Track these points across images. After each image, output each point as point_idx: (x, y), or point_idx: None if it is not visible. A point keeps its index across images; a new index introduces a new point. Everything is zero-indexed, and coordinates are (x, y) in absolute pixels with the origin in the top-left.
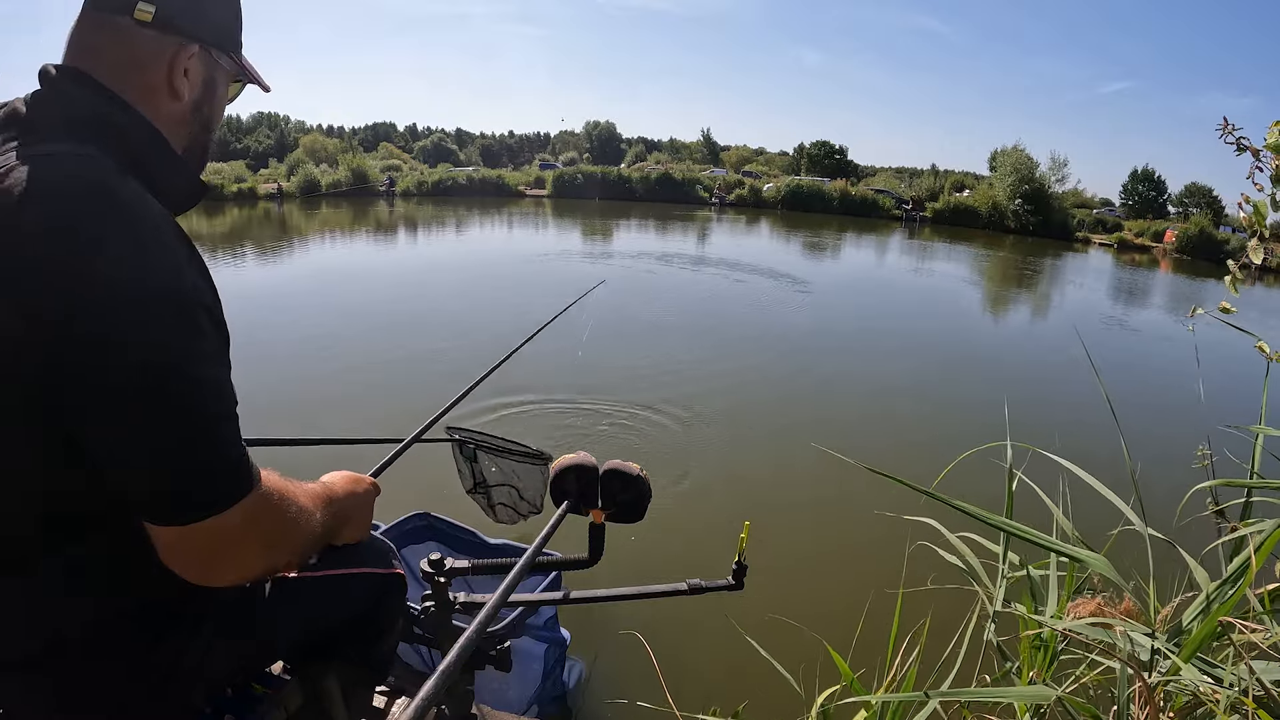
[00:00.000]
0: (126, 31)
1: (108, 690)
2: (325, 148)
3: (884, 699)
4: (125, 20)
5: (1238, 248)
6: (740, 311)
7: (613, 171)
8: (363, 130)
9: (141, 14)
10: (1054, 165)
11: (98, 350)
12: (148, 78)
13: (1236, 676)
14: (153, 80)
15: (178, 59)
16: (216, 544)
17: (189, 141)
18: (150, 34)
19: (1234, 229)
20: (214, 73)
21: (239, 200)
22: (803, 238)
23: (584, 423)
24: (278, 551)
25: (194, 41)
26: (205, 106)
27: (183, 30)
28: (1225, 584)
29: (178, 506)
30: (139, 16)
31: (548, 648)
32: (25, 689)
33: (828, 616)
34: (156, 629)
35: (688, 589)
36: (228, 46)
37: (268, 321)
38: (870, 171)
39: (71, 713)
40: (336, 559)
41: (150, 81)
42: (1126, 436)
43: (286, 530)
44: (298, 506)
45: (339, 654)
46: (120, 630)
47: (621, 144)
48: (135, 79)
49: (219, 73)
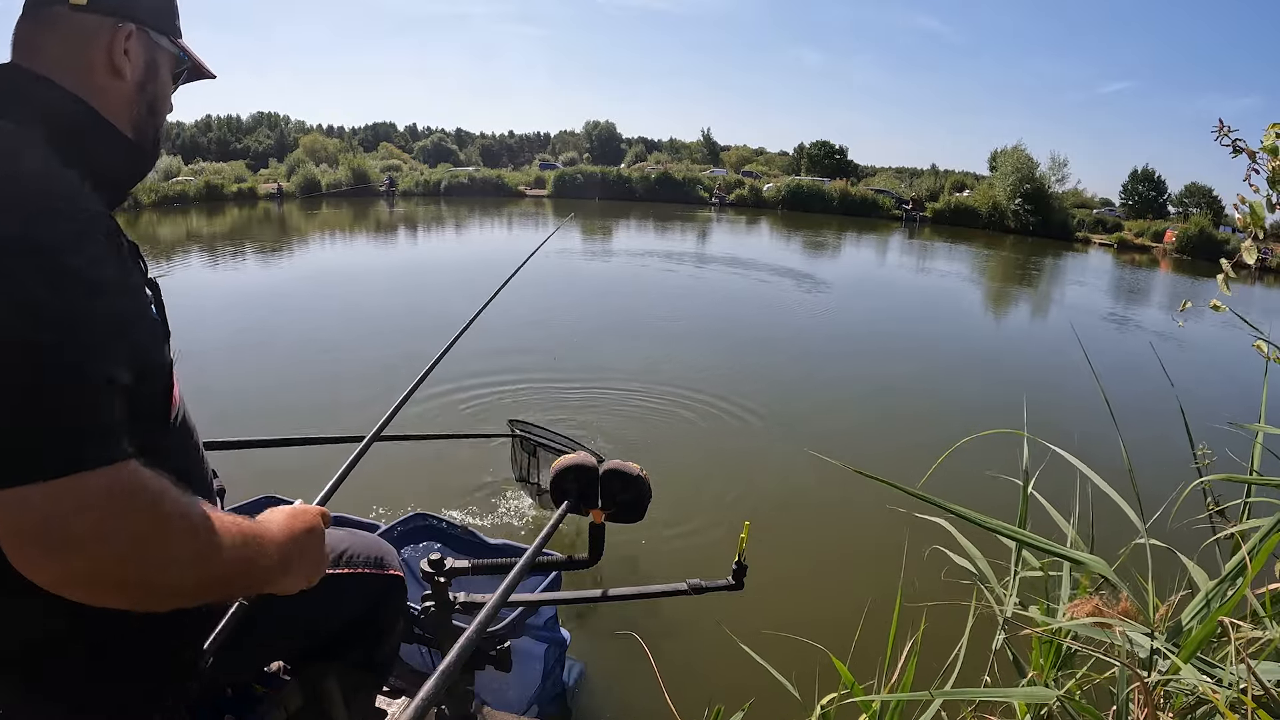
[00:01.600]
0: (63, 19)
1: (106, 690)
2: (325, 148)
3: (886, 699)
4: (61, 9)
5: (1237, 248)
6: (744, 311)
7: (613, 171)
8: (363, 130)
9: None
10: (1054, 165)
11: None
12: (87, 58)
13: (1236, 676)
14: (92, 61)
15: (115, 38)
16: (49, 521)
17: (137, 123)
18: (86, 17)
19: (1234, 229)
20: (155, 54)
21: (239, 200)
22: (803, 237)
23: (584, 419)
24: (148, 563)
25: (129, 21)
26: (149, 86)
27: (117, 10)
28: (1224, 583)
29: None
30: (73, 2)
31: (548, 648)
32: (23, 689)
33: (827, 617)
34: (152, 629)
35: (688, 589)
36: (166, 29)
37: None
38: (870, 171)
39: (70, 713)
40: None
41: (89, 62)
42: (1124, 436)
43: (167, 539)
44: (197, 522)
45: (340, 655)
46: (116, 630)
47: (621, 144)
48: (74, 62)
49: (160, 55)
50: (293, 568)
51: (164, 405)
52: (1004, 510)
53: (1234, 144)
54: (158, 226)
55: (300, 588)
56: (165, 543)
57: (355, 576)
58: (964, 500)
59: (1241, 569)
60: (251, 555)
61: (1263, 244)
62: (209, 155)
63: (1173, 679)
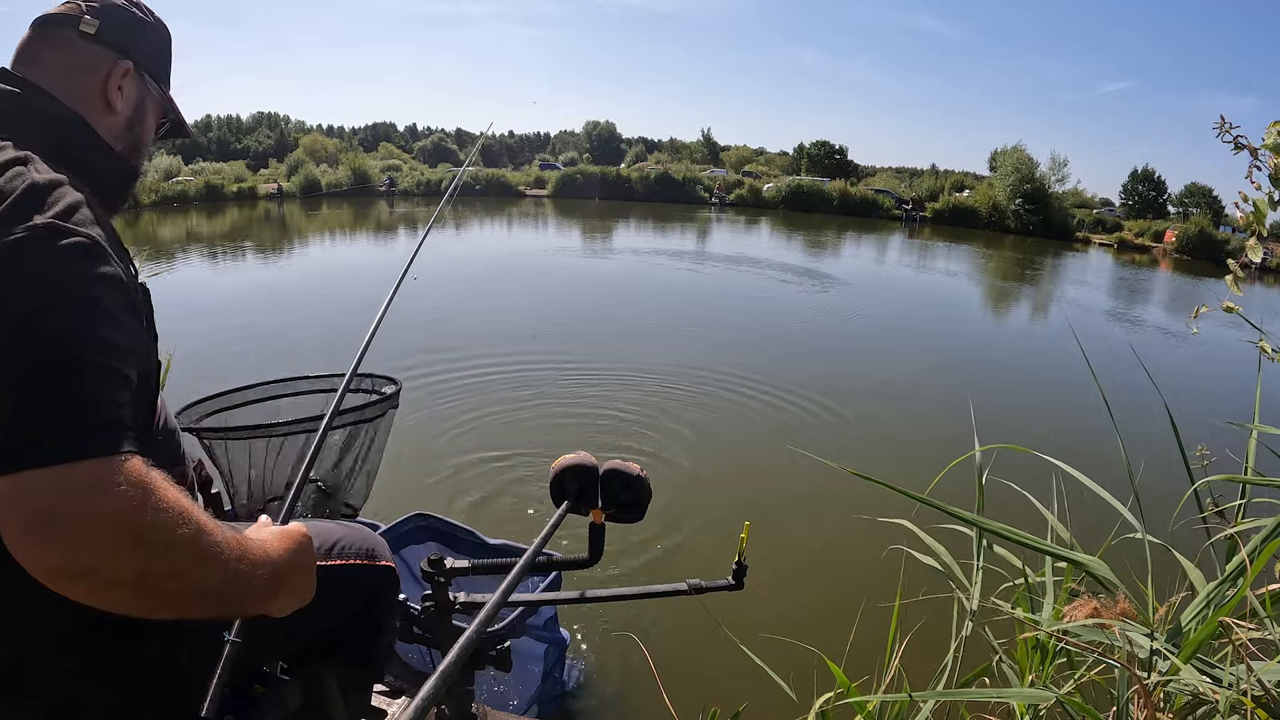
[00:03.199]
0: (70, 43)
1: (95, 697)
2: (325, 148)
3: (885, 699)
4: (70, 33)
5: (1238, 247)
6: (747, 311)
7: (612, 171)
8: (363, 130)
9: (86, 26)
10: (1054, 165)
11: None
12: (85, 85)
13: (1235, 677)
14: (89, 88)
15: (114, 73)
16: (56, 507)
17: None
18: (91, 46)
19: (1234, 229)
20: (144, 97)
21: (239, 200)
22: (804, 237)
23: (582, 424)
24: (150, 559)
25: (128, 59)
26: (136, 127)
27: (119, 47)
28: (1224, 584)
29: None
30: (84, 29)
31: (548, 648)
32: (12, 700)
33: (828, 618)
34: (130, 632)
35: (688, 589)
36: (158, 76)
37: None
38: (870, 171)
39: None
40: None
41: (87, 89)
42: (1123, 437)
43: (171, 539)
44: (198, 525)
45: (338, 654)
46: (96, 634)
47: (621, 144)
48: (72, 84)
49: (149, 99)
50: (284, 586)
51: (149, 413)
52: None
53: (1235, 140)
54: (158, 226)
55: (293, 609)
56: (168, 541)
57: (348, 568)
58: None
59: (1242, 570)
60: (247, 570)
61: (1266, 242)
62: (209, 155)
63: (1173, 679)
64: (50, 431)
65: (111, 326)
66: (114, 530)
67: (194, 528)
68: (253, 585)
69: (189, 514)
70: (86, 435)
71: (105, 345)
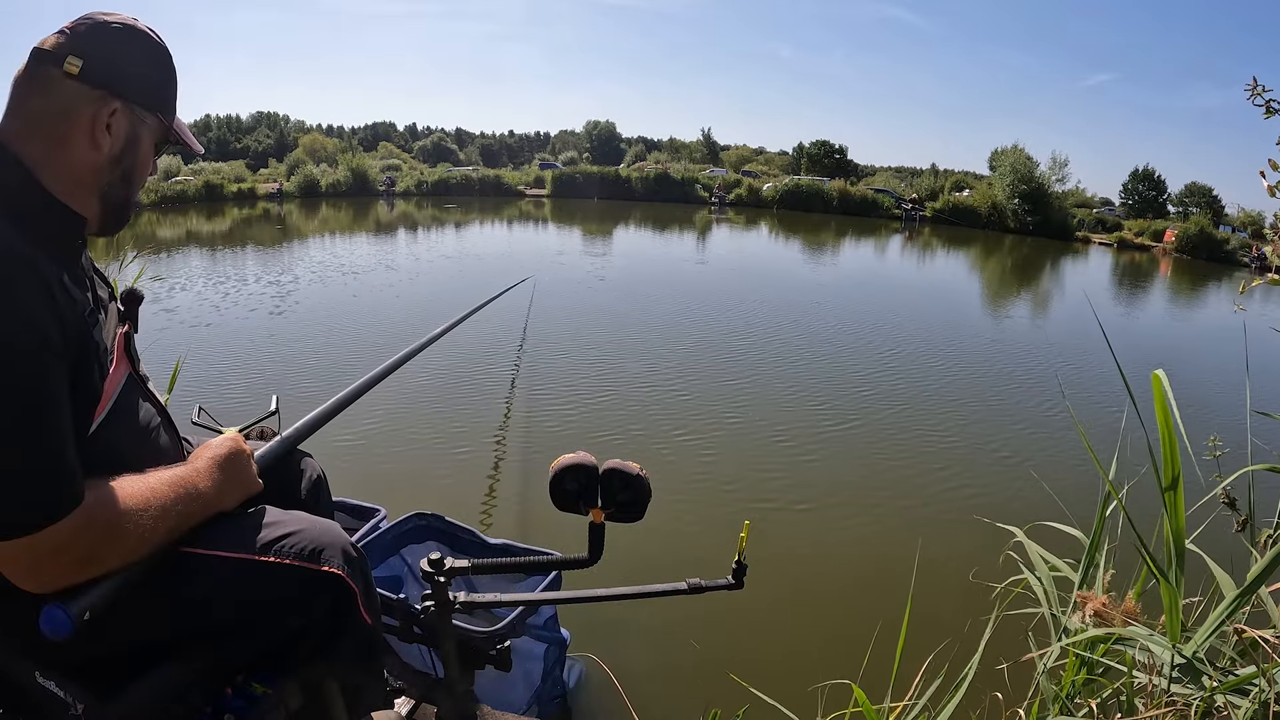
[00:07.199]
0: (54, 82)
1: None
2: (325, 147)
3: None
4: (55, 72)
5: (1238, 247)
6: (749, 310)
7: (612, 171)
8: (362, 130)
9: (70, 66)
10: (1054, 165)
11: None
12: (68, 126)
13: (1256, 686)
14: (72, 129)
15: (100, 112)
16: (30, 560)
17: (105, 190)
18: (76, 86)
19: (1233, 228)
20: (138, 130)
21: (239, 200)
22: (803, 237)
23: (585, 420)
24: (105, 559)
25: (116, 98)
26: (126, 160)
27: (106, 86)
28: (1246, 592)
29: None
30: (68, 69)
31: (548, 648)
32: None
33: (827, 617)
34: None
35: (688, 588)
36: (155, 107)
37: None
38: (870, 171)
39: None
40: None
41: (69, 130)
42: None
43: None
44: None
45: (337, 654)
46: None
47: (621, 144)
48: (52, 127)
49: (144, 130)
50: (226, 489)
51: (85, 422)
52: (992, 509)
53: (1267, 105)
54: (157, 227)
55: (239, 500)
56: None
57: (280, 567)
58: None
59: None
60: (185, 496)
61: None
62: (208, 155)
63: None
64: (15, 510)
65: (26, 360)
66: (84, 562)
67: (148, 517)
68: (196, 502)
69: (136, 506)
70: (39, 508)
71: (27, 386)
